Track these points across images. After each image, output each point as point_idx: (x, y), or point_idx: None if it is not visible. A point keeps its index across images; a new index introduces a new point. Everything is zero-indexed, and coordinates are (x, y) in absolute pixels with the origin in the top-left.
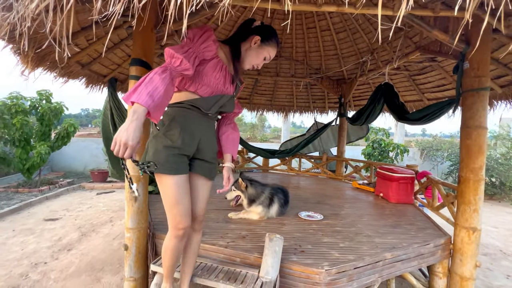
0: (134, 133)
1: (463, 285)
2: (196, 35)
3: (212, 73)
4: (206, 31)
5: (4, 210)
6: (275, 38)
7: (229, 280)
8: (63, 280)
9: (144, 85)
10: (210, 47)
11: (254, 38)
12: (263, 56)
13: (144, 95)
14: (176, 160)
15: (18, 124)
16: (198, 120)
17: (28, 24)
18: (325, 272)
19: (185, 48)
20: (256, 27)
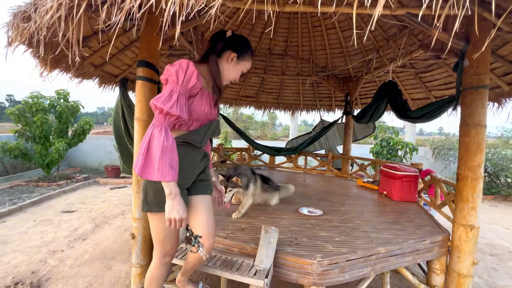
0: (181, 207)
1: (461, 282)
2: (179, 74)
3: (201, 107)
4: (188, 67)
5: (26, 202)
6: (250, 50)
7: (225, 268)
8: (78, 266)
9: (161, 159)
10: (197, 85)
11: (230, 55)
12: (240, 71)
13: (167, 170)
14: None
15: (38, 122)
16: (192, 154)
17: (44, 33)
18: (317, 263)
19: (173, 96)
20: (229, 40)
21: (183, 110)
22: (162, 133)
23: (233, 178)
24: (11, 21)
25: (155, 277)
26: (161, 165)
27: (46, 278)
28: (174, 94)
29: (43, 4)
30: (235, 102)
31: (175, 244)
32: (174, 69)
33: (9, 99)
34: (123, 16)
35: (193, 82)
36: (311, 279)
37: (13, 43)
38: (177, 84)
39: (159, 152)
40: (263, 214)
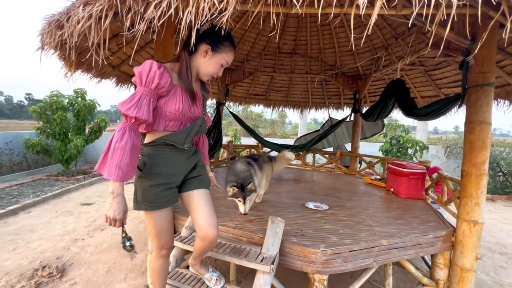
0: (118, 208)
1: (464, 276)
2: (142, 76)
3: (175, 106)
4: (151, 68)
5: (48, 195)
6: (228, 40)
7: (234, 254)
8: (98, 254)
9: (110, 158)
10: (162, 84)
11: (203, 48)
12: (219, 64)
13: (113, 169)
14: (165, 194)
15: (58, 119)
16: (174, 155)
17: (75, 39)
18: (321, 252)
19: (135, 97)
20: (204, 33)
21: (142, 111)
22: (119, 134)
23: (248, 185)
24: (46, 28)
25: (156, 268)
26: (110, 164)
27: (70, 263)
28: (136, 95)
29: (75, 14)
30: (245, 100)
31: (170, 238)
32: (138, 71)
33: (28, 98)
34: (145, 24)
35: (156, 82)
36: (314, 267)
37: (45, 47)
38: (140, 85)
39: (111, 152)
40: (271, 208)
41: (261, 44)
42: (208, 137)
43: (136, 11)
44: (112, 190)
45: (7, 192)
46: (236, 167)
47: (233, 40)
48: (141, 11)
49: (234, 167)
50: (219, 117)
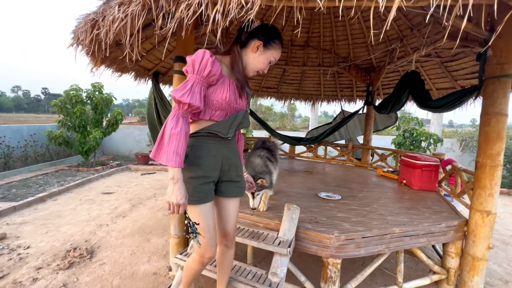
0: (180, 193)
1: (475, 264)
2: (195, 64)
3: (222, 95)
4: (204, 56)
5: (71, 184)
6: (278, 39)
7: (253, 238)
8: (122, 238)
9: (167, 145)
10: (213, 71)
11: (255, 43)
12: (268, 61)
13: (171, 155)
14: (204, 189)
15: (78, 112)
16: (218, 145)
17: (110, 37)
18: (335, 238)
19: (188, 85)
20: (256, 29)
21: (195, 98)
22: (173, 121)
23: (258, 180)
24: (82, 26)
25: (193, 269)
26: (167, 151)
27: (97, 246)
28: (189, 83)
29: (111, 14)
30: (257, 93)
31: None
32: (191, 59)
33: (45, 92)
34: (176, 23)
35: (208, 69)
36: (329, 252)
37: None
38: (193, 73)
39: (167, 138)
40: (285, 197)
41: None
42: None
43: (167, 11)
44: (172, 176)
45: (34, 181)
46: (255, 160)
47: (282, 39)
48: (172, 10)
49: (253, 159)
50: None
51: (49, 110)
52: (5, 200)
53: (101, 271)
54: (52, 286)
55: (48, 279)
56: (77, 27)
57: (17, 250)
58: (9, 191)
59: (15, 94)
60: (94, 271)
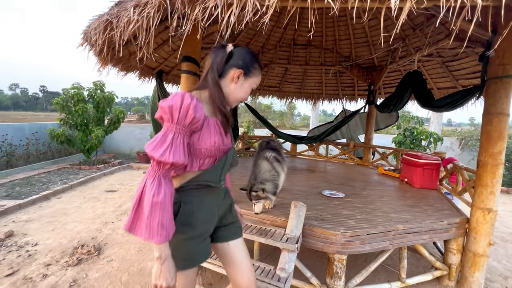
0: (170, 274)
1: (476, 261)
2: (173, 112)
3: (210, 140)
4: (183, 101)
5: (75, 182)
6: (257, 63)
7: (261, 235)
8: (127, 235)
9: (149, 216)
10: (197, 118)
11: (235, 73)
12: (250, 89)
13: (156, 229)
14: (201, 248)
15: (79, 111)
16: (210, 196)
17: (125, 38)
18: (341, 234)
19: (168, 138)
20: (232, 56)
21: (178, 154)
22: (154, 185)
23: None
24: (96, 27)
25: None
26: (150, 224)
27: (104, 243)
28: (168, 136)
29: (126, 16)
30: (258, 92)
31: None
32: (167, 105)
33: (43, 90)
34: (191, 25)
35: (191, 116)
36: (335, 248)
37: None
38: (172, 122)
39: (148, 209)
40: (289, 195)
41: (276, 36)
42: None
43: (182, 14)
44: (159, 255)
45: (37, 179)
46: (262, 164)
47: (260, 62)
48: (187, 12)
49: (260, 163)
50: (235, 108)
51: (47, 108)
52: (9, 198)
53: (109, 267)
54: (62, 282)
55: (58, 275)
56: (90, 28)
57: (25, 247)
58: (13, 189)
59: (13, 92)
60: (103, 267)
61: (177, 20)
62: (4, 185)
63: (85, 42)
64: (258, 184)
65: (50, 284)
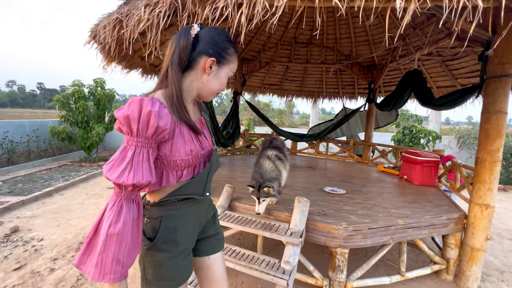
0: None
1: (473, 255)
2: (132, 123)
3: (186, 148)
4: (142, 109)
5: (76, 179)
6: (232, 45)
7: (266, 229)
8: None
9: (103, 251)
10: (162, 126)
11: (206, 62)
12: (226, 77)
13: (109, 266)
14: (185, 264)
15: (80, 108)
16: (194, 207)
17: (134, 37)
18: (343, 229)
19: (127, 155)
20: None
21: (140, 173)
22: (112, 212)
23: (265, 188)
24: (105, 25)
25: None
26: (102, 260)
27: None
28: (128, 152)
29: (137, 15)
30: (259, 90)
31: None
32: (123, 116)
33: (40, 87)
34: (202, 19)
35: (153, 126)
36: (337, 242)
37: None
38: (131, 136)
39: (101, 242)
40: (291, 191)
41: (277, 34)
42: (227, 126)
43: (193, 12)
44: None
45: (39, 176)
46: (264, 163)
47: (235, 43)
48: (198, 12)
49: (262, 162)
50: (236, 106)
51: (45, 106)
52: (12, 194)
53: None
54: (69, 276)
55: (65, 269)
56: (98, 26)
57: (31, 242)
58: (15, 186)
59: (10, 89)
60: None
61: (187, 19)
62: (6, 181)
63: (92, 39)
64: (266, 181)
65: (57, 277)
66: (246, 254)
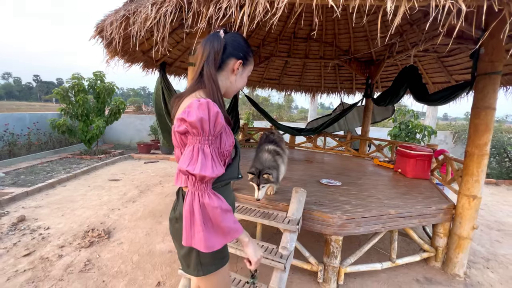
0: (257, 249)
1: (460, 243)
2: (204, 124)
3: (230, 141)
4: (210, 110)
5: (78, 171)
6: (251, 48)
7: (264, 217)
8: (135, 221)
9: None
10: (223, 124)
11: (234, 64)
12: (247, 76)
13: (233, 227)
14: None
15: (80, 101)
16: (230, 191)
17: (142, 34)
18: (338, 217)
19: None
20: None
21: (219, 165)
22: (213, 198)
23: (264, 175)
24: (112, 22)
25: None
26: (225, 229)
27: (113, 227)
28: (205, 150)
29: (144, 12)
30: (258, 84)
31: None
32: (196, 119)
33: (36, 80)
34: (206, 22)
35: (220, 124)
36: (332, 230)
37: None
38: (202, 135)
39: (220, 217)
40: (289, 183)
41: (277, 29)
42: None
43: (198, 12)
44: (247, 240)
45: (41, 168)
46: (263, 155)
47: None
48: (202, 11)
49: (261, 155)
50: (236, 101)
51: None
52: (16, 186)
53: (120, 249)
54: (77, 262)
55: (73, 256)
56: (105, 22)
57: (38, 230)
58: (18, 177)
59: (5, 81)
60: (114, 249)
61: (192, 18)
62: (9, 173)
63: (97, 34)
64: (266, 169)
65: (66, 263)
66: None
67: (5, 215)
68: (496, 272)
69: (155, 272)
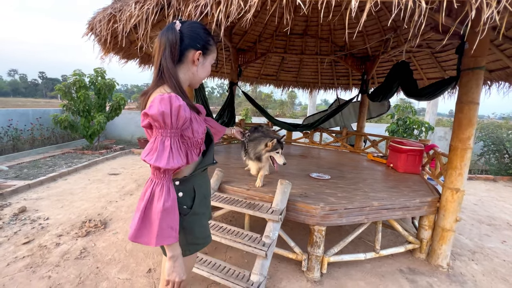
0: (182, 269)
1: (444, 235)
2: (166, 118)
3: (202, 129)
4: (172, 103)
5: (79, 165)
6: (212, 37)
7: (249, 208)
8: (131, 212)
9: (161, 222)
10: (187, 116)
11: (194, 55)
12: (210, 65)
13: (167, 233)
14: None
15: (81, 97)
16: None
17: (127, 30)
18: (320, 208)
19: (166, 145)
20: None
21: (180, 158)
22: (163, 192)
23: (282, 138)
24: (101, 19)
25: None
26: (160, 229)
27: (109, 218)
28: (165, 143)
29: (128, 10)
30: (256, 80)
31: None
32: (158, 112)
33: (42, 76)
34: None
35: (183, 117)
36: (315, 220)
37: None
38: (165, 128)
39: (159, 215)
40: (279, 177)
41: (273, 25)
42: (222, 115)
43: (177, 8)
44: (172, 254)
45: (43, 163)
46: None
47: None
48: (182, 9)
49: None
50: (232, 96)
51: (47, 95)
52: (19, 179)
53: (115, 238)
54: (73, 250)
55: (69, 244)
56: (95, 19)
57: (37, 220)
58: (21, 171)
59: (12, 78)
60: (109, 238)
61: (173, 15)
62: (12, 167)
63: (89, 31)
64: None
65: (63, 250)
66: (231, 230)
67: (7, 206)
68: (480, 264)
69: (147, 260)
